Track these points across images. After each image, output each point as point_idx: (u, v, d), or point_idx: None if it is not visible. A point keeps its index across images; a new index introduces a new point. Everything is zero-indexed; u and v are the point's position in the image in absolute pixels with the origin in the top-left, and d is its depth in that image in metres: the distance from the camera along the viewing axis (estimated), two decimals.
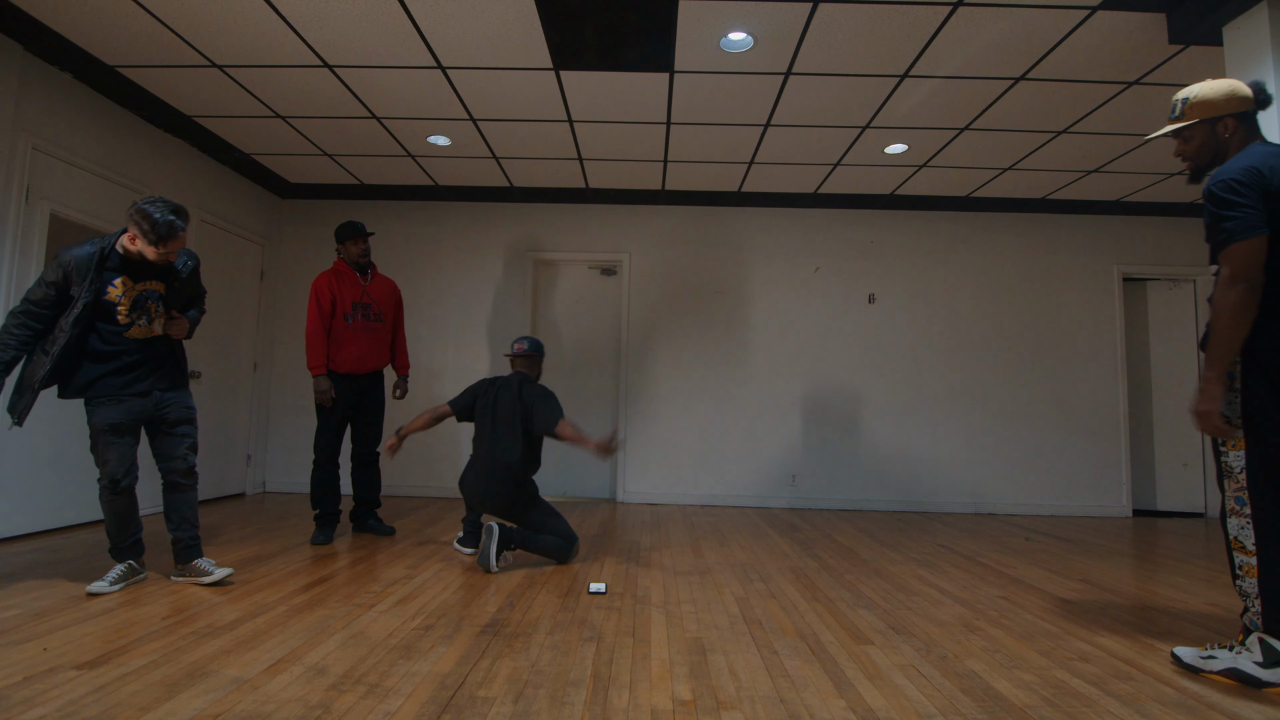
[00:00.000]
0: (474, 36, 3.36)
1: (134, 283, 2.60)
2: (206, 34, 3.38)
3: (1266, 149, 1.92)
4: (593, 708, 1.72)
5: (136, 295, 2.61)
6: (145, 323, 2.64)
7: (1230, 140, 2.03)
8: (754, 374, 5.76)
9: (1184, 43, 3.20)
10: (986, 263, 5.83)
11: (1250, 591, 1.95)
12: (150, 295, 2.65)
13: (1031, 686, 1.92)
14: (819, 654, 2.15)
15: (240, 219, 5.39)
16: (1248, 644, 1.94)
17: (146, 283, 2.64)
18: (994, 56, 3.45)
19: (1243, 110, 2.02)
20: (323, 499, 3.77)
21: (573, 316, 5.97)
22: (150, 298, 2.65)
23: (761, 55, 3.48)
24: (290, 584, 2.84)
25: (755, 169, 5.12)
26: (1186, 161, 2.12)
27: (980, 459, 5.65)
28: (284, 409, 5.81)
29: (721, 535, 4.26)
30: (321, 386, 3.70)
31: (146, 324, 2.65)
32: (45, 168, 3.68)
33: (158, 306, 2.68)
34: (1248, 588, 1.95)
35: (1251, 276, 1.84)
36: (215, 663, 1.95)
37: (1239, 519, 1.97)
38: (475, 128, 4.46)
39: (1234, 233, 1.87)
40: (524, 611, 2.52)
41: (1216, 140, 2.05)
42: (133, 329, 2.61)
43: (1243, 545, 1.96)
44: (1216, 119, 2.04)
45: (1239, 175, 1.89)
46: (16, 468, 3.56)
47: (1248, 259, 1.85)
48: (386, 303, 3.97)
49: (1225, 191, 1.89)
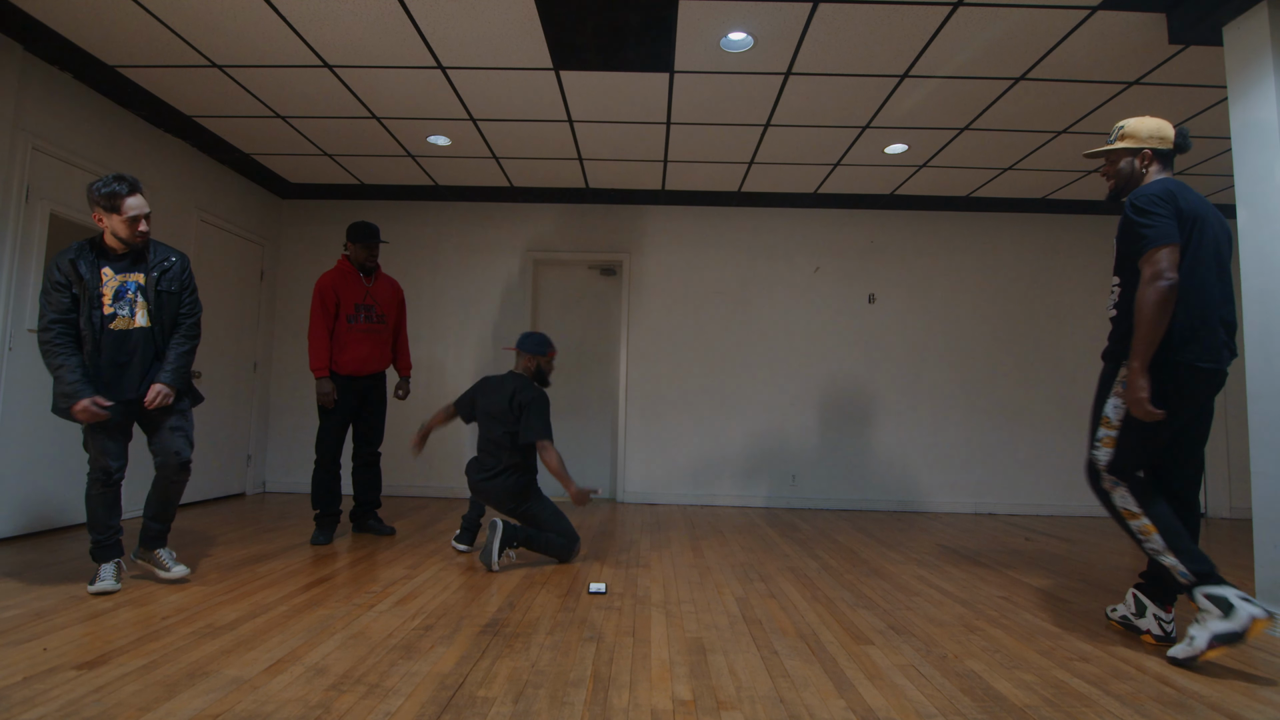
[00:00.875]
0: (474, 36, 3.36)
1: (115, 273, 2.64)
2: (206, 34, 3.38)
3: (1177, 181, 2.23)
4: (593, 708, 1.72)
5: (118, 286, 2.63)
6: (128, 313, 2.64)
7: (1145, 170, 2.34)
8: (754, 374, 5.76)
9: (1184, 43, 3.20)
10: (986, 263, 5.83)
11: (1160, 549, 2.15)
12: (130, 286, 2.66)
13: (1031, 686, 1.92)
14: (819, 654, 2.15)
15: (240, 219, 5.39)
16: (1201, 610, 2.06)
17: (128, 274, 2.66)
18: (994, 56, 3.45)
19: (1162, 148, 2.32)
20: (323, 499, 3.77)
21: (573, 316, 5.96)
22: (130, 289, 2.65)
23: (761, 55, 3.48)
24: (290, 584, 2.84)
25: (755, 169, 5.12)
26: (1109, 180, 2.43)
27: (980, 459, 5.65)
28: (284, 409, 5.81)
29: (721, 535, 4.26)
30: (324, 389, 3.70)
31: (129, 315, 2.64)
32: (45, 168, 3.69)
33: (137, 297, 2.66)
34: (1156, 545, 2.16)
35: (1171, 276, 2.08)
36: (215, 663, 1.95)
37: (1119, 494, 2.24)
38: (475, 128, 4.46)
39: (1153, 239, 2.12)
40: (524, 611, 2.53)
41: (1133, 168, 2.36)
42: (116, 320, 2.61)
43: (1131, 511, 2.22)
44: (1138, 149, 2.35)
45: (1158, 192, 2.18)
46: (16, 468, 3.56)
47: (1168, 260, 2.09)
48: (389, 304, 3.96)
49: (1146, 204, 2.16)
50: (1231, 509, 5.59)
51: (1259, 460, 2.59)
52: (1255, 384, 2.64)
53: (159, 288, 2.70)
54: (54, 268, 2.54)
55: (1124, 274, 2.31)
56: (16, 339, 3.53)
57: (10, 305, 3.49)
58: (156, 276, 2.71)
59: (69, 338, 2.54)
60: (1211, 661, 2.15)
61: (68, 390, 2.48)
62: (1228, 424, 5.64)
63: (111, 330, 2.60)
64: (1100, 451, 2.27)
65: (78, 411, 2.47)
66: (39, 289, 3.64)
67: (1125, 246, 2.25)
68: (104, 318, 2.59)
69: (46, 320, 2.53)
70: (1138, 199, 2.20)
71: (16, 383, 3.53)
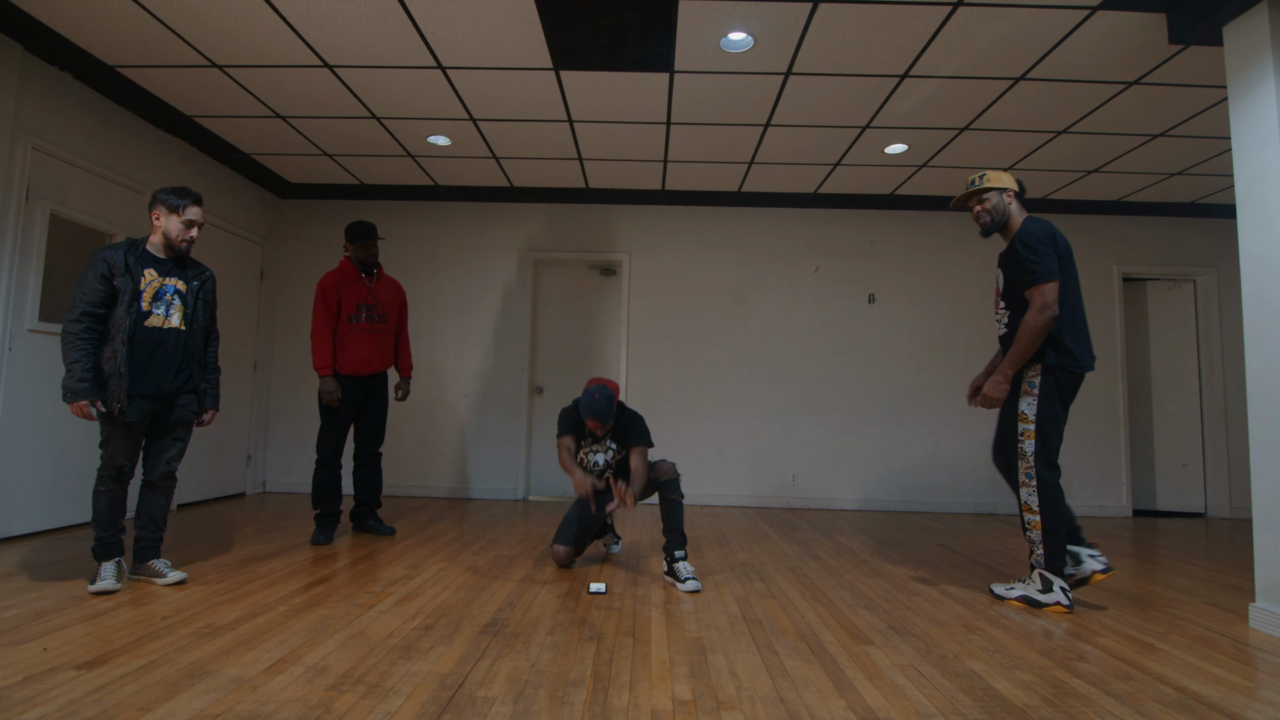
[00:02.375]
0: (474, 36, 3.36)
1: (158, 275, 2.76)
2: (206, 34, 3.38)
3: (1049, 223, 2.70)
4: (593, 708, 1.72)
5: (159, 288, 2.76)
6: (163, 313, 2.76)
7: (1009, 207, 2.82)
8: (754, 374, 5.76)
9: (1184, 43, 3.20)
10: (986, 263, 5.83)
11: (1036, 540, 2.68)
12: (169, 289, 2.79)
13: (1031, 686, 1.92)
14: (819, 654, 2.15)
15: (240, 219, 5.39)
16: (1032, 578, 2.74)
17: (167, 278, 2.79)
18: (994, 56, 3.45)
19: (1017, 190, 2.83)
20: (323, 499, 3.77)
21: (573, 316, 5.97)
22: (169, 291, 2.79)
23: (761, 55, 3.48)
24: (290, 584, 2.84)
25: (755, 169, 5.12)
26: (982, 219, 2.85)
27: (980, 459, 5.65)
28: (284, 409, 5.81)
29: (721, 535, 4.26)
30: (328, 388, 3.70)
31: (164, 314, 2.76)
32: (45, 168, 3.69)
33: (174, 300, 2.80)
34: (1035, 537, 2.68)
35: (1054, 307, 2.59)
36: (215, 663, 1.95)
37: (1027, 489, 2.68)
38: (475, 128, 4.46)
39: (1041, 275, 2.60)
40: (524, 611, 2.52)
41: (1003, 204, 2.82)
42: (151, 318, 2.73)
43: (1030, 507, 2.68)
44: (1003, 189, 2.83)
45: (1042, 234, 2.65)
46: (16, 468, 3.56)
47: (1053, 295, 2.59)
48: (391, 304, 3.96)
49: (1035, 243, 2.63)
50: (1231, 509, 5.59)
51: (1259, 460, 2.59)
52: (1255, 384, 2.64)
53: (199, 296, 2.88)
54: (99, 260, 2.63)
55: (1011, 299, 2.77)
56: (16, 339, 3.53)
57: (10, 305, 3.49)
58: (197, 286, 2.88)
59: (94, 334, 2.61)
60: (1212, 662, 2.15)
61: (75, 387, 2.54)
62: (1228, 424, 5.64)
63: (146, 327, 2.71)
64: (1027, 444, 2.69)
65: (74, 408, 2.55)
66: (39, 289, 3.65)
67: (1014, 278, 2.73)
68: (141, 314, 2.70)
69: (78, 311, 2.59)
70: (1027, 238, 2.66)
71: (17, 383, 3.53)
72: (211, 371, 2.97)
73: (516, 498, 5.70)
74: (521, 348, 5.79)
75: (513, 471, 5.73)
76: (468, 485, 5.73)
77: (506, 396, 5.77)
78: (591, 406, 3.04)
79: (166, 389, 2.75)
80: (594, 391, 3.05)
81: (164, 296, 2.77)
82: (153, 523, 2.83)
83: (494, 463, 5.74)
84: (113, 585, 2.63)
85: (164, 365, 2.75)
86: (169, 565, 2.83)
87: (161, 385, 2.74)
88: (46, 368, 3.69)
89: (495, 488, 5.71)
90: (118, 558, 2.73)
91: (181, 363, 2.81)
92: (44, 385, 3.68)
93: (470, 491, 5.73)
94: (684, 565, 2.97)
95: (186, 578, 2.84)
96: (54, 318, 3.73)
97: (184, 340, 2.81)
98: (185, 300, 2.82)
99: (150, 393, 2.71)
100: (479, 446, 5.75)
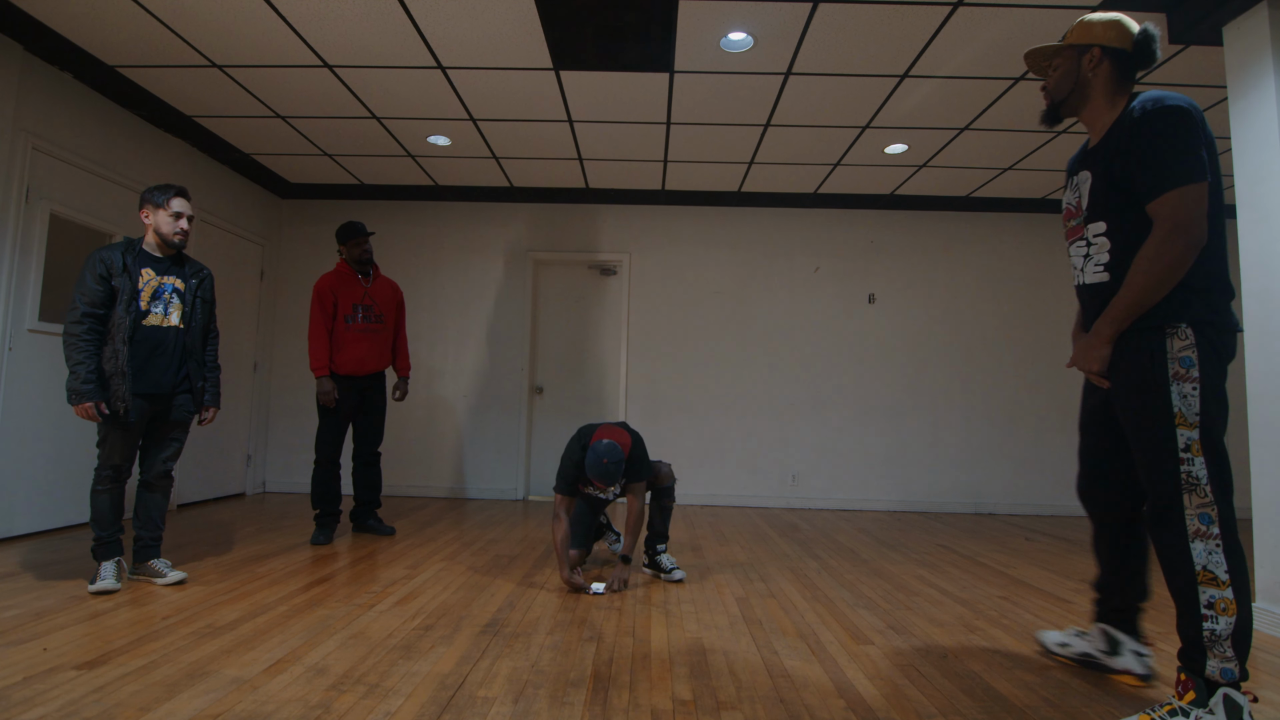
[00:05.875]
0: (474, 36, 3.36)
1: (155, 274, 2.77)
2: (206, 34, 3.38)
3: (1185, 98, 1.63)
4: (593, 708, 1.72)
5: (156, 287, 2.77)
6: (162, 311, 2.77)
7: (1093, 76, 1.76)
8: (754, 374, 5.76)
9: (1184, 43, 3.20)
10: (986, 263, 5.83)
11: (1221, 633, 1.51)
12: (167, 288, 2.80)
13: (1031, 686, 1.92)
14: (819, 654, 2.15)
15: (240, 219, 5.39)
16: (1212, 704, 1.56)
17: (165, 277, 2.80)
18: (994, 56, 3.45)
19: (1117, 46, 1.73)
20: (323, 499, 3.77)
21: (573, 316, 5.96)
22: (167, 290, 2.80)
23: (761, 55, 3.48)
24: (290, 584, 2.84)
25: (755, 169, 5.12)
26: (1046, 96, 1.89)
27: (980, 459, 5.65)
28: (284, 409, 5.81)
29: (721, 535, 4.26)
30: (324, 388, 3.70)
31: (163, 313, 2.77)
32: (45, 168, 3.68)
33: (173, 299, 2.81)
34: (1220, 628, 1.51)
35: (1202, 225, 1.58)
36: (215, 663, 1.95)
37: (1205, 543, 1.53)
38: (475, 128, 4.46)
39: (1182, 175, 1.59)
40: (524, 611, 2.52)
41: (1079, 72, 1.78)
42: (150, 316, 2.74)
43: (1211, 576, 1.52)
44: (1086, 48, 1.76)
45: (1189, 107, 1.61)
46: (16, 468, 3.56)
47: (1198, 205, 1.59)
48: (388, 304, 3.96)
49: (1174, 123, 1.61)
50: None
51: (1259, 460, 2.59)
52: (1255, 384, 2.64)
53: (198, 295, 2.89)
54: (97, 260, 2.64)
55: (1114, 215, 1.69)
56: (16, 339, 3.53)
57: (10, 305, 3.49)
58: (196, 284, 2.89)
59: (96, 334, 2.62)
60: None
61: (80, 389, 2.55)
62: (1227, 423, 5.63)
63: (145, 326, 2.72)
64: (1194, 464, 1.56)
65: (79, 410, 2.56)
66: (39, 289, 3.65)
67: (1121, 180, 1.65)
68: (140, 312, 2.71)
69: (79, 313, 2.59)
70: (1155, 118, 1.59)
71: (16, 383, 3.53)
72: (212, 370, 2.98)
73: (516, 498, 5.70)
74: (521, 348, 5.80)
75: (513, 471, 5.73)
76: (467, 485, 5.73)
77: (506, 396, 5.77)
78: (599, 470, 2.69)
79: (164, 388, 2.76)
80: (603, 454, 2.68)
81: (162, 295, 2.78)
82: (151, 522, 2.84)
83: (494, 463, 5.74)
84: (113, 585, 2.63)
85: (163, 364, 2.75)
86: (169, 565, 2.84)
87: (160, 384, 2.74)
88: (46, 368, 3.69)
89: (495, 488, 5.71)
90: (117, 557, 2.73)
91: (180, 361, 2.81)
92: (44, 385, 3.67)
93: (470, 491, 5.73)
94: (666, 557, 3.10)
95: (186, 578, 2.84)
96: (54, 318, 3.73)
97: (181, 339, 2.82)
98: (184, 299, 2.83)
99: (148, 391, 2.71)
100: (479, 446, 5.75)
